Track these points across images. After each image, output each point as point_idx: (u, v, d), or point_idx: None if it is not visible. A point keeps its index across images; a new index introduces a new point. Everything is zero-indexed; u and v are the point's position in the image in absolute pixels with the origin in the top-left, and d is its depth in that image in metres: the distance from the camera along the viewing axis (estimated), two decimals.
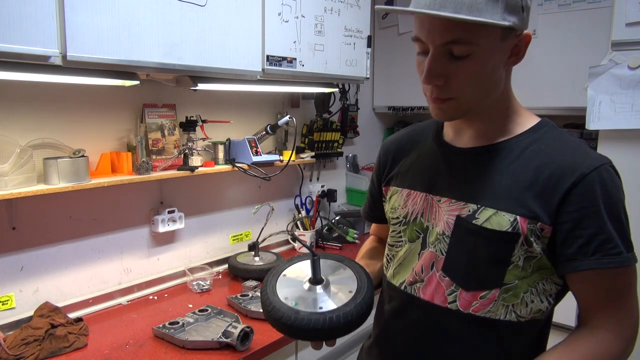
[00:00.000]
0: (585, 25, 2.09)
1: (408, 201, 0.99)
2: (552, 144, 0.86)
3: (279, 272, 0.99)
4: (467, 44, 0.77)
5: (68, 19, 1.16)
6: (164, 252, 1.90)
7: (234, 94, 2.05)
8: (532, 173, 0.83)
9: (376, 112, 2.98)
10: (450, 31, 0.77)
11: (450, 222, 0.89)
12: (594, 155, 0.83)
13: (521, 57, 0.83)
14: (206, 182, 2.02)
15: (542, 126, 0.89)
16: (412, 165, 1.02)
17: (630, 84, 1.80)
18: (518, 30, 0.79)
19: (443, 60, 0.79)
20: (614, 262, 0.79)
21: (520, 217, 0.82)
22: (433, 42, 0.79)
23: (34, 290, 1.54)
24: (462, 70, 0.79)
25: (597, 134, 1.94)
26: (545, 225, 0.81)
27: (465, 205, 0.88)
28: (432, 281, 0.92)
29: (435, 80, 0.81)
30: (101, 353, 1.37)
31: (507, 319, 0.86)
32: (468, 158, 0.91)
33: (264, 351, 1.43)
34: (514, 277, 0.84)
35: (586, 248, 0.79)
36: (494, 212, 0.84)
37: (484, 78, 0.81)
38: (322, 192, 2.53)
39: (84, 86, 1.53)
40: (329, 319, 0.85)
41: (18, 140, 1.40)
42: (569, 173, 0.80)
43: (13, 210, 1.45)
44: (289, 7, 1.74)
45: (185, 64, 1.43)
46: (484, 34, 0.76)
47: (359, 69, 2.12)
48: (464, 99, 0.83)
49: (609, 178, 0.81)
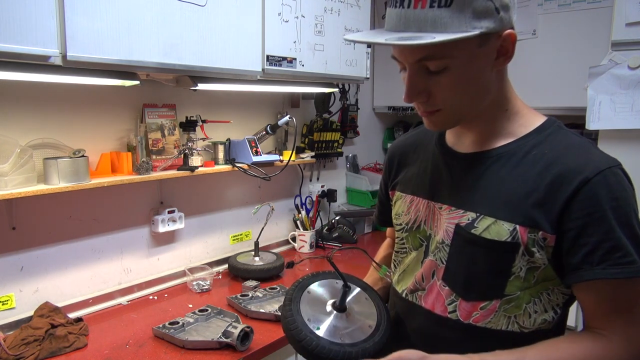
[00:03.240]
0: (585, 25, 2.09)
1: (411, 207, 0.97)
2: (556, 147, 0.81)
3: (304, 286, 0.98)
4: (440, 59, 0.75)
5: (68, 19, 1.16)
6: (164, 252, 1.90)
7: (234, 94, 2.05)
8: (534, 179, 0.79)
9: (376, 112, 2.98)
10: (419, 50, 0.75)
11: (449, 231, 0.87)
12: (600, 158, 0.79)
13: (510, 56, 0.79)
14: (206, 182, 2.02)
15: (547, 127, 0.85)
16: (416, 170, 0.99)
17: (630, 84, 1.80)
18: (497, 32, 0.75)
19: (421, 76, 0.78)
20: (623, 272, 0.74)
21: (520, 226, 0.79)
22: (406, 60, 0.78)
23: (34, 290, 1.54)
24: (442, 83, 0.78)
25: (597, 134, 1.94)
26: (548, 234, 0.77)
27: (465, 214, 0.85)
28: (432, 290, 0.91)
29: (416, 97, 0.80)
30: (101, 353, 1.37)
31: (509, 330, 0.83)
32: (468, 164, 0.88)
33: (264, 351, 1.43)
34: (516, 288, 0.81)
35: (591, 257, 0.75)
36: (493, 221, 0.81)
37: (469, 86, 0.79)
38: (322, 192, 2.53)
39: (84, 86, 1.53)
40: (348, 353, 0.86)
41: (18, 140, 1.40)
42: (571, 178, 0.76)
43: (13, 210, 1.45)
44: (289, 7, 1.74)
45: (185, 64, 1.43)
46: (455, 46, 0.73)
47: (359, 69, 2.12)
48: (451, 109, 0.81)
49: (616, 181, 0.76)
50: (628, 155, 1.83)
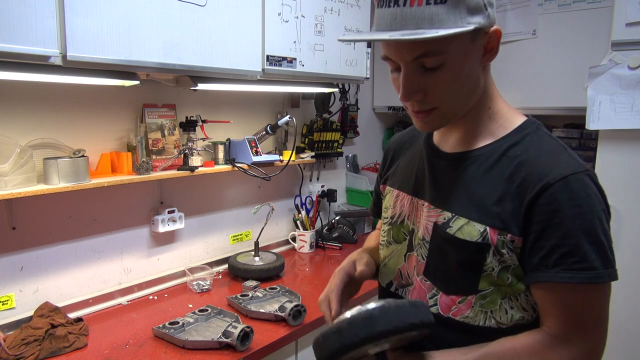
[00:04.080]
0: (585, 25, 2.09)
1: (397, 202, 1.00)
2: (529, 150, 0.83)
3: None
4: (437, 55, 0.76)
5: (68, 19, 1.16)
6: (164, 252, 1.90)
7: (234, 94, 2.05)
8: (506, 182, 0.81)
9: (376, 112, 2.98)
10: (417, 47, 0.76)
11: (429, 228, 0.90)
12: (567, 163, 0.79)
13: (495, 52, 0.81)
14: (206, 182, 2.02)
15: (525, 127, 0.86)
16: (405, 166, 1.03)
17: (630, 84, 1.80)
18: (486, 28, 0.78)
19: (417, 74, 0.79)
20: (575, 278, 0.74)
21: (490, 228, 0.81)
22: (402, 59, 0.78)
23: (34, 290, 1.54)
24: (439, 80, 0.78)
25: (597, 134, 1.94)
26: (515, 236, 0.79)
27: (442, 213, 0.88)
28: (416, 285, 0.94)
29: (413, 96, 0.80)
30: (101, 353, 1.37)
31: (487, 325, 0.84)
32: (449, 164, 0.90)
33: (264, 351, 1.43)
34: (488, 284, 0.83)
35: (547, 260, 0.76)
36: (466, 222, 0.84)
37: (463, 82, 0.80)
38: (322, 192, 2.53)
39: (84, 86, 1.53)
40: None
41: (18, 140, 1.40)
42: (535, 183, 0.78)
43: (13, 210, 1.45)
44: (289, 7, 1.74)
45: (185, 63, 1.43)
46: (451, 41, 0.75)
47: (359, 69, 2.12)
48: (447, 107, 0.82)
49: (580, 187, 0.76)
50: (628, 155, 1.84)
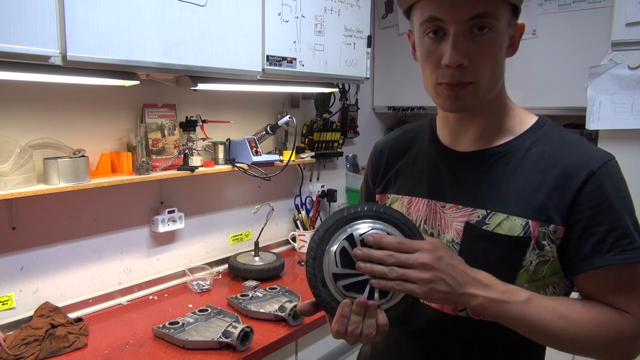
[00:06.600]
0: (585, 25, 2.09)
1: (411, 208, 0.96)
2: (555, 143, 0.84)
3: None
4: (492, 17, 0.76)
5: (68, 18, 1.16)
6: (164, 252, 1.90)
7: (234, 94, 2.05)
8: (540, 175, 0.82)
9: (376, 112, 2.98)
10: (475, 4, 0.75)
11: (459, 229, 0.87)
12: (599, 152, 0.83)
13: (516, 48, 0.84)
14: (206, 182, 2.02)
15: (542, 125, 0.88)
16: (411, 170, 0.99)
17: (630, 84, 1.80)
18: (517, 18, 0.81)
19: (467, 38, 0.77)
20: (631, 258, 0.78)
21: (532, 220, 0.81)
22: (457, 19, 0.76)
23: (34, 290, 1.54)
24: (485, 48, 0.78)
25: (597, 134, 1.94)
26: (558, 226, 0.80)
27: (474, 211, 0.86)
28: None
29: (461, 59, 0.77)
30: (101, 353, 1.37)
31: None
32: (472, 162, 0.89)
33: (264, 351, 1.43)
34: (524, 281, 0.83)
35: (601, 245, 0.78)
36: (505, 217, 0.83)
37: (500, 60, 0.81)
38: (322, 192, 2.53)
39: (84, 86, 1.53)
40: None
41: (18, 140, 1.40)
42: (577, 172, 0.80)
43: (13, 210, 1.45)
44: (289, 7, 1.74)
45: (185, 64, 1.43)
46: (504, 10, 0.77)
47: (359, 69, 2.12)
48: (483, 83, 0.80)
49: (617, 173, 0.81)
50: (628, 155, 1.84)
